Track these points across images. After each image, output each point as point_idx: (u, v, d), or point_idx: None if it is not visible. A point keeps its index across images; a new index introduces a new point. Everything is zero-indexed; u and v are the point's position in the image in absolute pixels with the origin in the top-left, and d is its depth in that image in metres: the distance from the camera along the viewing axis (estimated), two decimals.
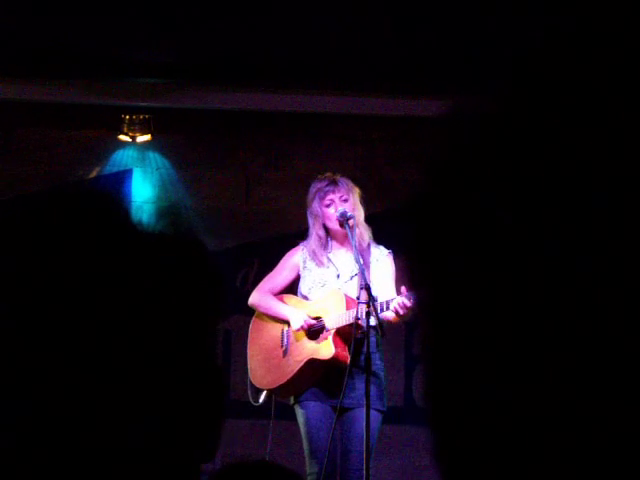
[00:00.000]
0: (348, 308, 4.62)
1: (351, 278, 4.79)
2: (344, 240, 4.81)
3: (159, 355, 0.89)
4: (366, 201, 4.88)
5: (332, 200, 4.75)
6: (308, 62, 6.15)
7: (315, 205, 4.79)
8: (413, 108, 6.51)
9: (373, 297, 4.46)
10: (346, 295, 4.70)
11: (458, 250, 0.60)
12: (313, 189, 4.82)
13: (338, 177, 4.83)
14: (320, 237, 4.81)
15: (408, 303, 4.42)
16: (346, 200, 4.75)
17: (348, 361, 4.56)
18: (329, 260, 4.83)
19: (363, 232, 4.80)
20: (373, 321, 4.49)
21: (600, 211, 0.56)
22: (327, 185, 4.78)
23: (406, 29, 5.67)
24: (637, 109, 0.57)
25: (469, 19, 5.46)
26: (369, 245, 4.83)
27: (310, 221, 4.85)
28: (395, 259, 4.84)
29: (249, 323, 5.05)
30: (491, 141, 0.60)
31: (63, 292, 0.88)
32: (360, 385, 4.57)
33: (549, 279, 0.57)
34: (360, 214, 4.79)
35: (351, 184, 4.83)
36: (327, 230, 4.82)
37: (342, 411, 4.62)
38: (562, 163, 0.57)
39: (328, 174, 4.86)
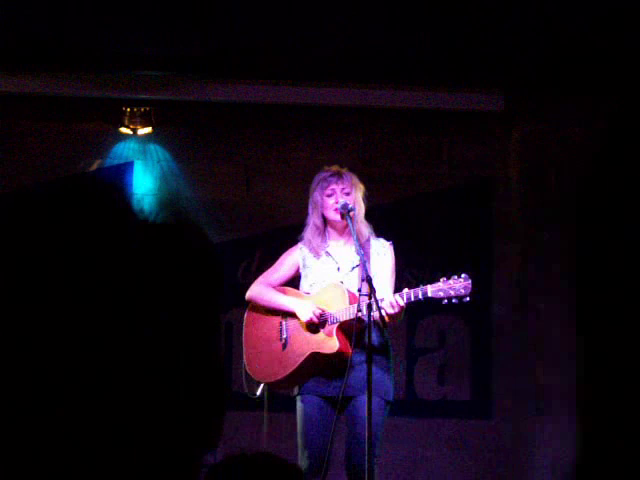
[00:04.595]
0: (351, 302, 4.59)
1: (352, 269, 4.77)
2: (343, 231, 4.80)
3: (161, 345, 0.89)
4: (366, 194, 4.86)
5: (334, 190, 4.75)
6: (308, 54, 6.15)
7: (316, 194, 4.79)
8: (414, 100, 6.51)
9: (374, 289, 4.44)
10: (347, 290, 4.68)
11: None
12: (317, 178, 4.83)
13: (344, 170, 4.83)
14: (317, 226, 4.80)
15: (402, 302, 4.42)
16: (348, 193, 4.74)
17: (350, 355, 4.54)
18: (327, 254, 4.81)
19: (362, 228, 4.77)
20: (376, 314, 4.46)
21: None
22: (331, 176, 4.79)
23: (407, 21, 5.66)
24: None
25: (469, 12, 5.46)
26: (368, 239, 4.81)
27: (309, 210, 4.85)
28: (395, 250, 4.84)
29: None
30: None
31: (65, 283, 0.88)
32: (363, 374, 4.51)
33: None
34: (360, 210, 4.77)
35: (356, 179, 4.82)
36: (325, 221, 4.82)
37: (344, 401, 4.59)
38: None
39: (335, 167, 4.86)
